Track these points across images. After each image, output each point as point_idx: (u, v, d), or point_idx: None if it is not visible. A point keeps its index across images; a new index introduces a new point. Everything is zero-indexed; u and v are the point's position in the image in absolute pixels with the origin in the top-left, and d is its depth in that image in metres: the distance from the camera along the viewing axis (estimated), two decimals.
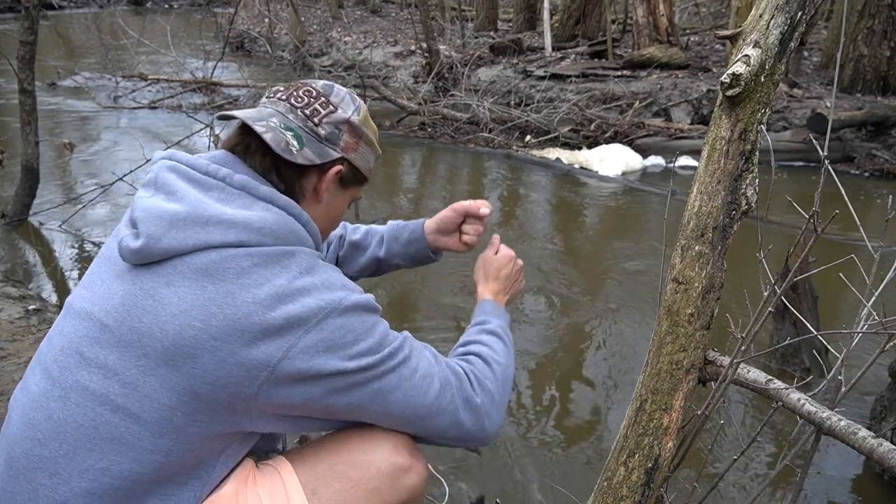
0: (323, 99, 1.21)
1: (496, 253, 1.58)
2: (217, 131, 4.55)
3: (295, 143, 1.14)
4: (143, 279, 1.04)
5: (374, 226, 1.72)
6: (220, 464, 1.10)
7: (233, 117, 1.16)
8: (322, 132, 1.18)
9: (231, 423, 1.05)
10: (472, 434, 1.25)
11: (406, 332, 1.22)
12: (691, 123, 7.51)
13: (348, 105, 1.23)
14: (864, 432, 1.16)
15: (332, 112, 1.20)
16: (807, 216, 1.16)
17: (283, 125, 1.15)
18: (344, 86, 1.39)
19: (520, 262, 1.59)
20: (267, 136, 1.11)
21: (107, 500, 1.03)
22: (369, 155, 1.26)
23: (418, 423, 1.19)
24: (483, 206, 1.56)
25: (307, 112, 1.18)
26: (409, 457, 1.21)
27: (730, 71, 1.27)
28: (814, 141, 3.83)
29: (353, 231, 1.70)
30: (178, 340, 1.00)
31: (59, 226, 4.59)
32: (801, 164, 6.48)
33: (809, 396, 1.26)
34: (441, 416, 1.20)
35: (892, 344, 1.16)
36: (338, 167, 1.20)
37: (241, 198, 1.09)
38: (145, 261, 1.04)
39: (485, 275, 1.55)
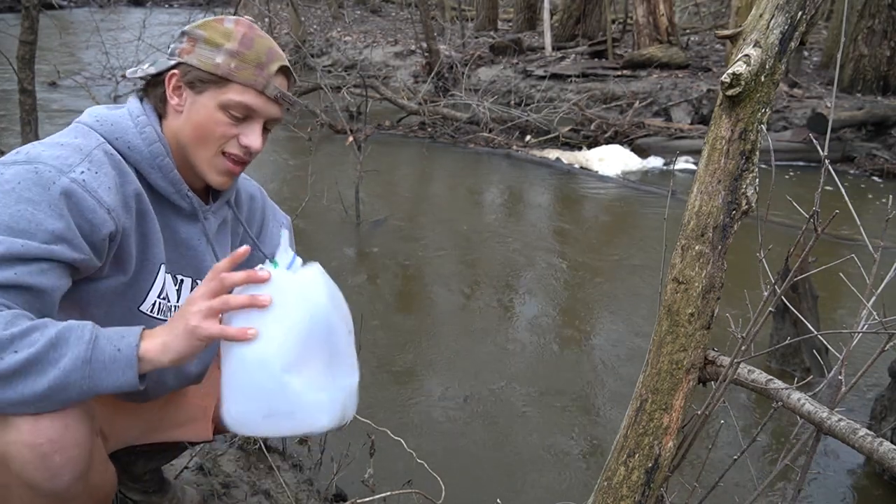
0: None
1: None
2: None
3: (143, 66, 1.27)
4: None
5: None
6: None
7: None
8: (167, 51, 1.28)
9: None
10: None
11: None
12: (691, 123, 7.51)
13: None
14: (863, 432, 1.16)
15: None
16: (807, 216, 1.16)
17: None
18: (344, 85, 1.41)
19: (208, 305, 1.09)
20: (127, 71, 1.31)
21: None
22: (209, 52, 1.22)
23: None
24: None
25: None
26: None
27: (730, 70, 1.26)
28: (814, 141, 3.84)
29: None
30: None
31: None
32: (801, 163, 6.48)
33: (809, 396, 1.26)
34: None
35: (892, 344, 1.16)
36: (172, 72, 1.24)
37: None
38: None
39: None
